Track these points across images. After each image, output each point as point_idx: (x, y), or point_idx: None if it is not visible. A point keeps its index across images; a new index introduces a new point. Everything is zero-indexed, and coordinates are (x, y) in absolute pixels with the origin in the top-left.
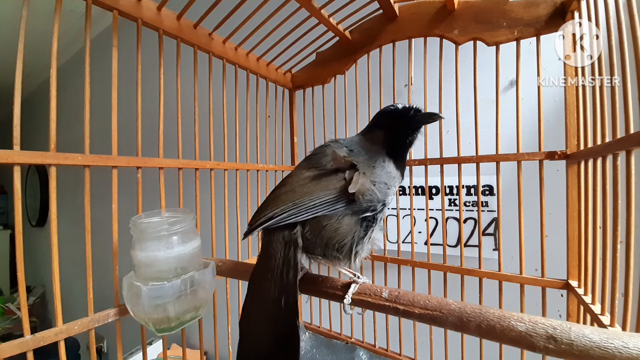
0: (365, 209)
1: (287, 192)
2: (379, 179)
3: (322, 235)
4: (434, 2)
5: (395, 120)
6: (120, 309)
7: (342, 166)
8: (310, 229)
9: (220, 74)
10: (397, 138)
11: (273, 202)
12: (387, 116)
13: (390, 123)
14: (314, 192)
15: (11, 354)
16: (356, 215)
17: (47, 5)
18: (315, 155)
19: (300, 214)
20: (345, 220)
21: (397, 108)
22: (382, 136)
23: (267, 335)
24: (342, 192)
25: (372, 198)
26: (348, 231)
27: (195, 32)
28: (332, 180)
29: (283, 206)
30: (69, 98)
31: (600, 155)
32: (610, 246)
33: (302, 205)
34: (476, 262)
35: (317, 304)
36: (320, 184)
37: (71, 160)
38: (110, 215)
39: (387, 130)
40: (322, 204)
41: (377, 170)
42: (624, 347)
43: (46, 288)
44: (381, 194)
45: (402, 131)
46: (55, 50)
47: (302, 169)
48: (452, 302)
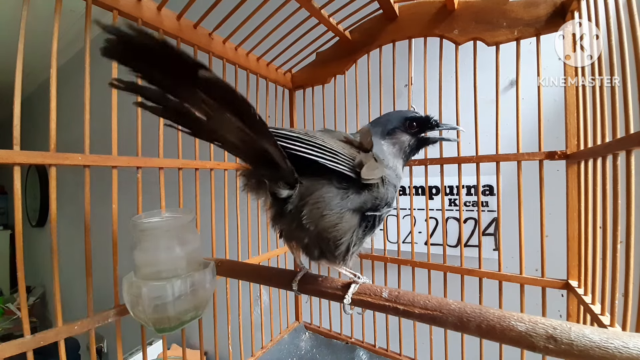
0: (370, 206)
1: (307, 133)
2: (389, 179)
3: (320, 224)
4: (434, 2)
5: (419, 127)
6: (120, 309)
7: (366, 146)
8: (309, 212)
9: (220, 74)
10: (418, 144)
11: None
12: (412, 122)
13: (415, 129)
14: (330, 143)
15: (11, 354)
16: (359, 212)
17: (47, 6)
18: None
19: (310, 145)
20: (347, 216)
21: (422, 116)
22: (404, 140)
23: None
24: (353, 159)
25: (379, 195)
26: (348, 229)
27: (195, 32)
28: (349, 147)
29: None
30: (69, 98)
31: (600, 155)
32: (610, 246)
33: (315, 140)
34: (476, 262)
35: (317, 304)
36: (339, 143)
37: (71, 160)
38: (110, 215)
39: (411, 135)
40: (331, 152)
41: (389, 170)
42: (624, 347)
43: (46, 288)
44: (389, 194)
45: (422, 139)
46: (55, 50)
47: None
48: (452, 302)
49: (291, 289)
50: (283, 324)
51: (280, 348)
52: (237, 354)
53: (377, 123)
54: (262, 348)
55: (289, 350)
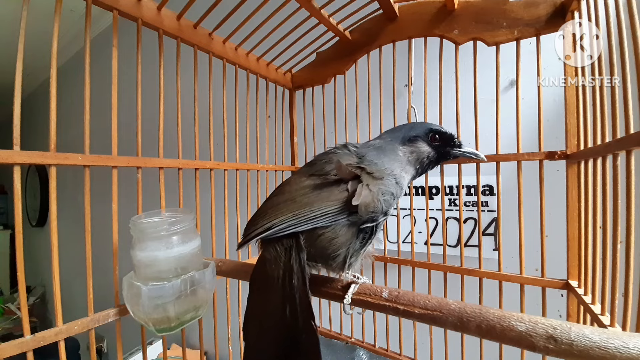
0: (365, 220)
1: (287, 202)
2: (387, 189)
3: (316, 244)
4: (434, 2)
5: (442, 142)
6: (120, 309)
7: (345, 177)
8: (306, 237)
9: (220, 74)
10: (438, 157)
11: (271, 210)
12: (437, 134)
13: (437, 142)
14: (314, 203)
15: (11, 354)
16: (354, 225)
17: (47, 6)
18: (319, 161)
19: (300, 225)
20: (343, 230)
21: (447, 132)
22: (424, 150)
23: (276, 345)
24: (344, 203)
25: (376, 210)
26: (344, 242)
27: (195, 32)
28: (334, 191)
29: (282, 217)
30: (69, 98)
31: (600, 155)
32: (610, 246)
33: (302, 217)
34: (476, 262)
35: (317, 304)
36: (321, 195)
37: (71, 160)
38: (110, 215)
39: (433, 147)
40: (322, 215)
41: (387, 180)
42: (624, 347)
43: (46, 288)
44: (386, 205)
45: (443, 153)
46: (55, 50)
47: (303, 176)
48: (452, 302)
49: None
50: None
51: None
52: (237, 354)
53: (398, 128)
54: None
55: None
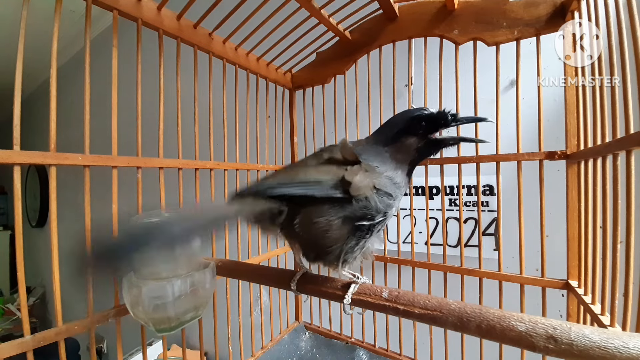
0: (360, 215)
1: (287, 171)
2: (383, 188)
3: (310, 232)
4: (434, 2)
5: (429, 126)
6: (120, 309)
7: (348, 157)
8: (300, 221)
9: (220, 74)
10: (428, 148)
11: (271, 177)
12: (419, 121)
13: (424, 129)
14: (313, 174)
15: (11, 354)
16: (349, 222)
17: (47, 6)
18: (323, 150)
19: (292, 186)
20: (336, 224)
21: (431, 113)
22: (410, 143)
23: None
24: (341, 180)
25: (369, 205)
26: (337, 237)
27: (195, 32)
28: (333, 168)
29: (279, 180)
30: (69, 98)
31: (600, 155)
32: (610, 246)
33: (297, 180)
34: (476, 262)
35: (317, 304)
36: (320, 169)
37: (71, 160)
38: (110, 215)
39: (419, 137)
40: (316, 182)
41: (384, 179)
42: (624, 347)
43: (46, 288)
44: (382, 205)
45: (433, 141)
46: (55, 50)
47: (307, 159)
48: (452, 302)
49: (290, 289)
50: (283, 324)
51: (280, 348)
52: (237, 354)
53: (381, 129)
54: (262, 348)
55: (289, 350)
